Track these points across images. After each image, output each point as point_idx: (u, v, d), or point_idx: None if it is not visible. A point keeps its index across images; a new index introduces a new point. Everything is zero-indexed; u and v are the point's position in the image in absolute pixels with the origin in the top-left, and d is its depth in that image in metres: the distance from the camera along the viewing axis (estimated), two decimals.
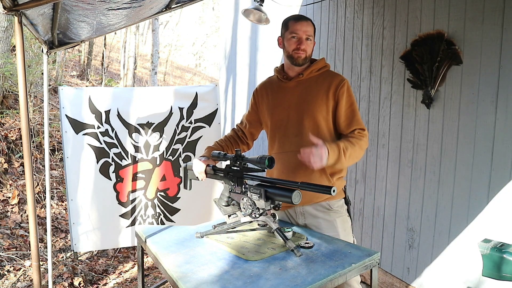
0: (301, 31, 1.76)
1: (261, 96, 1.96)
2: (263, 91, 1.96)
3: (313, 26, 1.81)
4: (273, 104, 1.88)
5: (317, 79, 1.81)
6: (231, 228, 1.67)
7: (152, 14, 2.60)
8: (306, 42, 1.77)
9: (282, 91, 1.87)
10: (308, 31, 1.77)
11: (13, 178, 4.45)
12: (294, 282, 1.25)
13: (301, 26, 1.77)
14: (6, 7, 1.52)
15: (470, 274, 2.19)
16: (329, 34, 3.23)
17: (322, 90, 1.77)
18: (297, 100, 1.81)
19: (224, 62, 5.32)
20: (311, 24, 1.80)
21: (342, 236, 1.77)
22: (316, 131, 1.75)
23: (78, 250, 2.98)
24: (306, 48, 1.77)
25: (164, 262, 1.46)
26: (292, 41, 1.78)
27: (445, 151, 2.35)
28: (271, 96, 1.91)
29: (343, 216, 1.84)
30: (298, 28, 1.77)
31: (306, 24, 1.77)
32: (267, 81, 2.00)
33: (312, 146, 1.56)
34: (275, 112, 1.87)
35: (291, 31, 1.78)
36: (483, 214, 2.15)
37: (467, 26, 2.19)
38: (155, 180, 3.09)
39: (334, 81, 1.77)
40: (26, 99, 1.63)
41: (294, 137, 1.78)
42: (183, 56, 22.30)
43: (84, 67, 10.26)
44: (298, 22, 1.78)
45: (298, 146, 1.65)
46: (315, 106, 1.76)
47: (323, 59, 1.86)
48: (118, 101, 2.96)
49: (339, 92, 1.75)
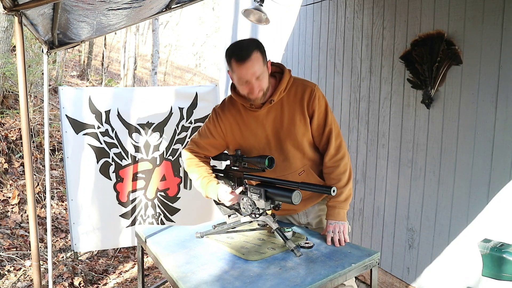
0: (248, 75, 1.53)
1: (229, 124, 1.75)
2: (228, 118, 1.75)
3: (260, 55, 1.54)
4: (246, 135, 1.73)
5: (288, 97, 1.68)
6: (231, 228, 1.68)
7: (152, 14, 2.60)
8: (257, 81, 1.55)
9: (253, 120, 1.71)
10: (256, 72, 1.53)
11: (13, 178, 4.45)
12: (294, 282, 1.25)
13: (246, 70, 1.52)
14: (6, 7, 1.52)
15: (470, 274, 2.19)
16: (329, 34, 3.23)
17: (296, 108, 1.67)
18: (273, 128, 1.69)
19: (224, 62, 5.32)
20: (256, 57, 1.52)
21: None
22: (301, 152, 1.71)
23: (78, 250, 2.99)
24: (260, 86, 1.58)
25: (164, 262, 1.46)
26: (242, 87, 1.59)
27: (445, 151, 2.35)
28: (241, 125, 1.73)
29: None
30: (243, 73, 1.53)
31: (251, 64, 1.51)
32: (229, 106, 1.77)
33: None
34: (251, 142, 1.73)
35: (237, 76, 1.56)
36: (483, 214, 2.15)
37: (467, 26, 2.19)
38: (155, 180, 3.09)
39: (305, 94, 1.67)
40: (26, 99, 1.63)
41: (282, 162, 1.71)
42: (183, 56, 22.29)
43: (84, 67, 10.26)
44: (241, 65, 1.52)
45: (287, 170, 1.72)
46: (295, 128, 1.67)
47: (286, 73, 1.68)
48: (118, 101, 2.96)
49: (313, 105, 1.67)
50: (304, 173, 1.73)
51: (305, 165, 1.73)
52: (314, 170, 1.75)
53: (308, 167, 1.73)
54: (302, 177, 1.72)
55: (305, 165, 1.73)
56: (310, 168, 1.74)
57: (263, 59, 1.56)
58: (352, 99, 3.02)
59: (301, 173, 1.73)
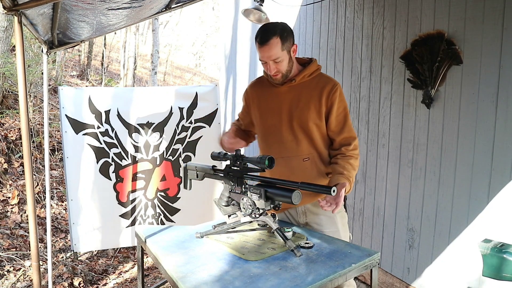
0: (265, 57, 1.69)
1: (252, 98, 1.92)
2: (253, 93, 1.92)
3: (280, 42, 1.66)
4: (264, 109, 1.85)
5: (309, 84, 1.77)
6: (231, 228, 1.67)
7: (152, 14, 2.60)
8: (274, 64, 1.69)
9: (274, 95, 1.82)
10: (271, 56, 1.67)
11: (13, 178, 4.45)
12: (294, 282, 1.25)
13: (263, 52, 1.68)
14: (6, 7, 1.52)
15: (471, 274, 2.19)
16: (329, 34, 3.22)
17: (314, 96, 1.75)
18: (289, 106, 1.78)
19: (224, 62, 5.31)
20: (275, 42, 1.65)
21: (342, 231, 1.82)
22: (310, 137, 1.76)
23: (78, 250, 2.98)
24: (277, 69, 1.71)
25: (164, 262, 1.46)
26: (263, 64, 1.75)
27: (445, 151, 2.35)
28: (262, 100, 1.87)
29: (342, 212, 1.86)
30: (262, 55, 1.70)
31: (268, 48, 1.66)
32: (257, 82, 1.96)
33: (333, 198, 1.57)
34: (267, 117, 1.84)
35: (258, 55, 1.72)
36: (483, 214, 2.15)
37: (468, 26, 2.19)
38: (155, 180, 3.09)
39: (326, 86, 1.75)
40: (26, 99, 1.63)
41: (290, 143, 1.78)
42: (183, 56, 22.28)
43: (84, 67, 10.26)
44: (260, 47, 1.69)
45: (293, 152, 1.77)
46: (308, 112, 1.74)
47: (315, 62, 1.81)
48: (118, 101, 2.95)
49: (332, 98, 1.73)
50: (308, 160, 1.77)
51: (311, 153, 1.77)
52: (318, 162, 1.78)
53: (314, 157, 1.77)
54: (306, 164, 1.77)
55: (311, 154, 1.77)
56: (316, 158, 1.78)
57: (282, 45, 1.67)
58: (352, 99, 3.02)
59: (306, 160, 1.77)
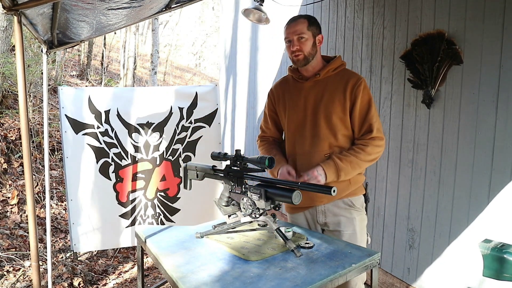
0: (290, 34, 1.75)
1: (277, 96, 1.94)
2: (278, 91, 1.94)
3: (307, 22, 1.75)
4: (289, 105, 1.87)
5: (334, 78, 1.79)
6: (231, 228, 1.67)
7: (152, 14, 2.60)
8: (298, 41, 1.74)
9: (298, 91, 1.85)
10: (297, 31, 1.74)
11: (12, 178, 4.44)
12: (294, 282, 1.25)
13: (289, 29, 1.76)
14: (5, 6, 1.51)
15: (471, 275, 2.19)
16: (329, 34, 3.22)
17: (339, 90, 1.76)
18: (314, 101, 1.80)
19: (224, 62, 5.31)
20: (302, 21, 1.75)
21: (359, 234, 1.81)
22: (333, 132, 1.76)
23: (78, 250, 2.98)
24: (300, 47, 1.74)
25: (164, 262, 1.45)
26: (287, 46, 1.79)
27: (446, 151, 2.35)
28: (287, 97, 1.89)
29: (362, 215, 1.86)
30: (287, 32, 1.77)
31: (294, 24, 1.75)
32: (282, 81, 1.98)
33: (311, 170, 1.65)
34: (292, 113, 1.86)
35: (285, 37, 1.79)
36: (483, 214, 2.15)
37: (468, 26, 2.18)
38: (155, 180, 3.09)
39: (351, 80, 1.76)
40: (25, 99, 1.63)
41: (312, 138, 1.79)
42: (183, 56, 22.28)
43: (83, 67, 10.25)
44: (287, 26, 1.77)
45: (315, 147, 1.78)
46: (332, 107, 1.75)
47: (339, 58, 1.83)
48: (118, 101, 2.95)
49: (356, 92, 1.74)
50: (329, 156, 1.77)
51: (333, 151, 1.76)
52: None
53: (335, 153, 1.76)
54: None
55: (333, 151, 1.76)
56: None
57: (308, 26, 1.74)
58: None
59: (327, 156, 1.77)
